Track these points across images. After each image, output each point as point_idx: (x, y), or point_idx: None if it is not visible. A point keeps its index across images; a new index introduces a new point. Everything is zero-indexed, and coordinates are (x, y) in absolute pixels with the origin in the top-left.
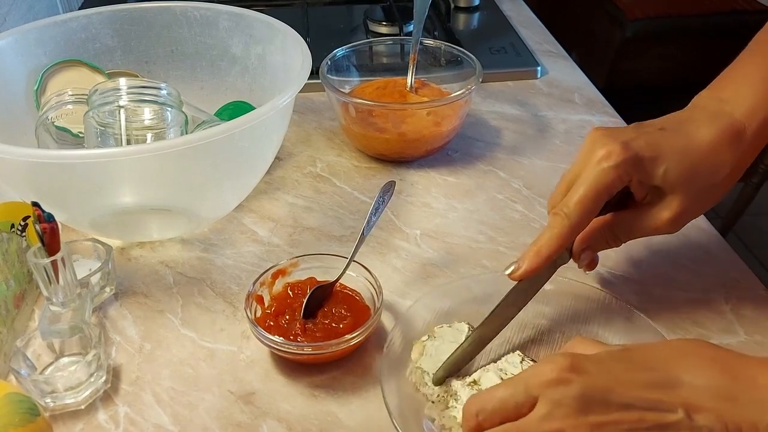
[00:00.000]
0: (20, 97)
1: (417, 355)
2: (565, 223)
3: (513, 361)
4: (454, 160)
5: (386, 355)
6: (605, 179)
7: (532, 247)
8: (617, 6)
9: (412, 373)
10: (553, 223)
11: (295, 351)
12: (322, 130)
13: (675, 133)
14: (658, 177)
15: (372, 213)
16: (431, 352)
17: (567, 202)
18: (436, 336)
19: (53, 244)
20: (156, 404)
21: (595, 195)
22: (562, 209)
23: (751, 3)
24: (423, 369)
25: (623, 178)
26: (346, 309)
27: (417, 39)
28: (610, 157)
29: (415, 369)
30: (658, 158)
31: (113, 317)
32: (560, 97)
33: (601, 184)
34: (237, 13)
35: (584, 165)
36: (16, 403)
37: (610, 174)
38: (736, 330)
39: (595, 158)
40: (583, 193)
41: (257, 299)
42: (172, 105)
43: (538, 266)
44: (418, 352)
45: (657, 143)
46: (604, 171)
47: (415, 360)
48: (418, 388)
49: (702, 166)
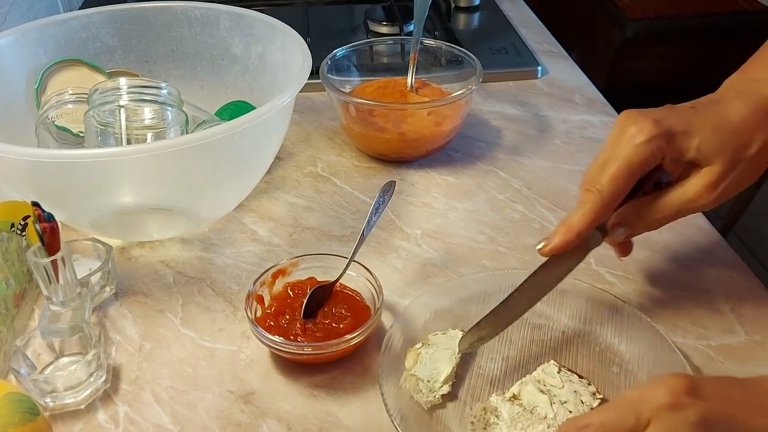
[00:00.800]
0: (20, 96)
1: (411, 363)
2: (597, 198)
3: (550, 371)
4: (455, 160)
5: (385, 356)
6: (638, 155)
7: (563, 223)
8: (617, 6)
9: (406, 380)
10: (585, 198)
11: (295, 351)
12: (322, 129)
13: (706, 109)
14: (692, 150)
15: (372, 213)
16: (425, 360)
17: (599, 179)
18: (430, 343)
19: (53, 243)
20: (156, 404)
21: (627, 171)
22: (594, 185)
23: (751, 3)
24: (417, 376)
25: (656, 154)
26: (347, 309)
27: (417, 39)
28: (642, 132)
29: (409, 377)
30: (690, 132)
31: (113, 317)
32: (561, 97)
33: (634, 159)
34: (237, 13)
35: (616, 143)
36: (15, 403)
37: (642, 149)
38: (736, 330)
39: (627, 135)
40: (615, 168)
41: (257, 299)
42: (173, 104)
43: (569, 242)
44: (413, 360)
45: (688, 119)
46: (637, 146)
47: (409, 368)
48: (412, 395)
49: (734, 138)
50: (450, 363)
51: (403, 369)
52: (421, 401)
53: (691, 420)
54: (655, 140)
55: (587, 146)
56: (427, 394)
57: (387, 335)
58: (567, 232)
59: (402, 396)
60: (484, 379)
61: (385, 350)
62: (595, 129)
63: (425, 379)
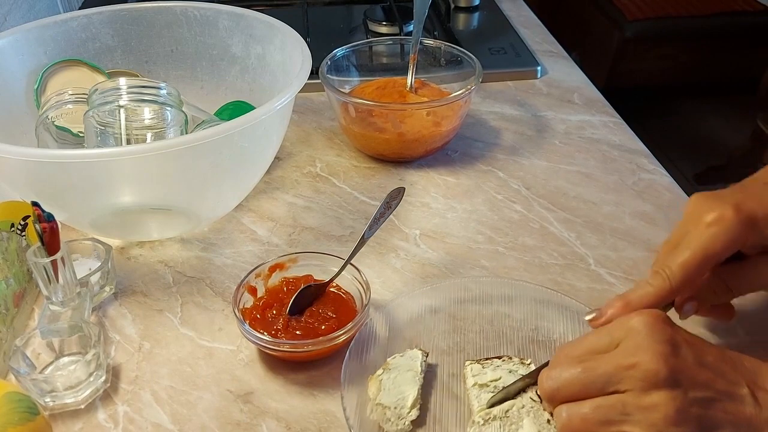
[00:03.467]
0: (20, 96)
1: (375, 391)
2: (665, 286)
3: (476, 372)
4: (454, 160)
5: (347, 365)
6: (715, 244)
7: (621, 297)
8: (617, 6)
9: (373, 411)
10: (653, 281)
11: (270, 346)
12: (321, 130)
13: None
14: None
15: (376, 218)
16: (388, 386)
17: (670, 263)
18: (390, 368)
19: (53, 243)
20: (155, 403)
21: (702, 259)
22: (664, 269)
23: (751, 3)
24: (383, 405)
25: (737, 243)
26: (334, 310)
27: (417, 39)
28: (722, 221)
29: (375, 406)
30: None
31: (113, 316)
32: (560, 97)
33: (710, 250)
34: (237, 13)
35: (691, 228)
36: (15, 402)
37: (720, 239)
38: (736, 330)
39: (704, 222)
40: (689, 256)
41: (249, 290)
42: (172, 104)
43: None
44: (376, 388)
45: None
46: (714, 235)
47: (374, 397)
48: (381, 425)
49: None
50: (414, 385)
51: (368, 399)
52: (391, 431)
53: (659, 339)
54: (736, 229)
55: (586, 146)
56: (396, 422)
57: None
58: (623, 308)
59: (368, 428)
60: (450, 397)
61: (344, 380)
62: (594, 129)
63: (392, 407)
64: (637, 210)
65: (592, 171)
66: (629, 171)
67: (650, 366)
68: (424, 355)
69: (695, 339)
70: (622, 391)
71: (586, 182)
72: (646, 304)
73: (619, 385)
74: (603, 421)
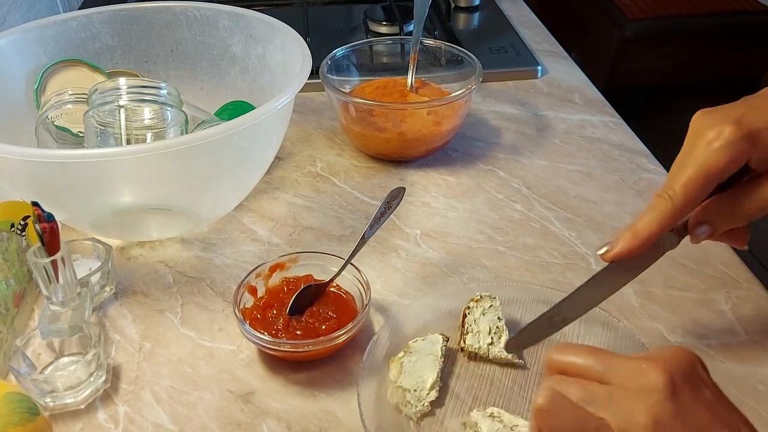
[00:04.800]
0: (20, 96)
1: (396, 374)
2: (668, 206)
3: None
4: (454, 159)
5: (366, 365)
6: (717, 161)
7: (629, 228)
8: (617, 6)
9: (393, 393)
10: (655, 204)
11: (271, 346)
12: (322, 129)
13: None
14: None
15: (376, 218)
16: (409, 369)
17: (672, 184)
18: (411, 351)
19: (53, 243)
20: (155, 403)
21: (704, 177)
22: (666, 191)
23: (751, 3)
24: (404, 387)
25: (739, 159)
26: (334, 310)
27: (417, 39)
28: (722, 136)
29: (395, 389)
30: None
31: (113, 316)
32: (560, 97)
33: (712, 166)
34: (237, 13)
35: (692, 147)
36: (15, 403)
37: (722, 155)
38: (736, 330)
39: (705, 139)
40: (690, 174)
41: (250, 290)
42: (172, 104)
43: (633, 249)
44: (396, 371)
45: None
46: (716, 152)
47: (394, 379)
48: (400, 408)
49: None
50: (434, 368)
51: (388, 381)
52: (410, 413)
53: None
54: (738, 143)
55: (587, 146)
56: (415, 404)
57: (371, 342)
58: (632, 238)
59: (382, 408)
60: (467, 388)
61: (367, 358)
62: (595, 129)
63: (412, 389)
64: (637, 209)
65: (592, 170)
66: (630, 170)
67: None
68: (445, 340)
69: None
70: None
71: (587, 182)
72: (653, 228)
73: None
74: (583, 400)
